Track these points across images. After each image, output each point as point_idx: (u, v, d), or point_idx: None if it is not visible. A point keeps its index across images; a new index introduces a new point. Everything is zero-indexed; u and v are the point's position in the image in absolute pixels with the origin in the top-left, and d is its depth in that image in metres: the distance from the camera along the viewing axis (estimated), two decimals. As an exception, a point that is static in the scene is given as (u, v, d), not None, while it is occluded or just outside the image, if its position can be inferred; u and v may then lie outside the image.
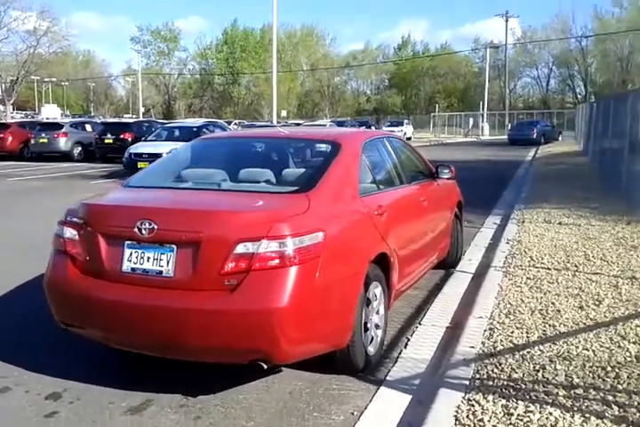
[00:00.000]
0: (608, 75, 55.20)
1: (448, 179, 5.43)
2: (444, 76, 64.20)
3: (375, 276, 3.56)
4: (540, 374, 3.19)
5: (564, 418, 2.72)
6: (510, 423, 2.70)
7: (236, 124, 32.78)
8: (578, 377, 3.14)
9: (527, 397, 2.96)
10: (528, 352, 3.51)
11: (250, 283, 2.85)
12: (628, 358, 3.37)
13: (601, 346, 3.54)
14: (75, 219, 3.31)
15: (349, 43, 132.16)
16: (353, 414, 3.13)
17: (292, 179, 3.68)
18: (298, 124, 26.74)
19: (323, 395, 3.34)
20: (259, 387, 3.43)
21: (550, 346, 3.58)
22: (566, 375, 3.17)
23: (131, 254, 3.11)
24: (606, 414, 2.73)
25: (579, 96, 58.83)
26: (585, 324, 3.93)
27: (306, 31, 77.41)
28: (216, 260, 2.90)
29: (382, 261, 3.66)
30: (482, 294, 4.80)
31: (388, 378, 3.52)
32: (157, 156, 15.52)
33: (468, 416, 2.82)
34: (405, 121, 41.48)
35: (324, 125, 26.97)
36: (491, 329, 3.94)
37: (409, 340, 4.09)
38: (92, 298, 3.12)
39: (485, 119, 41.11)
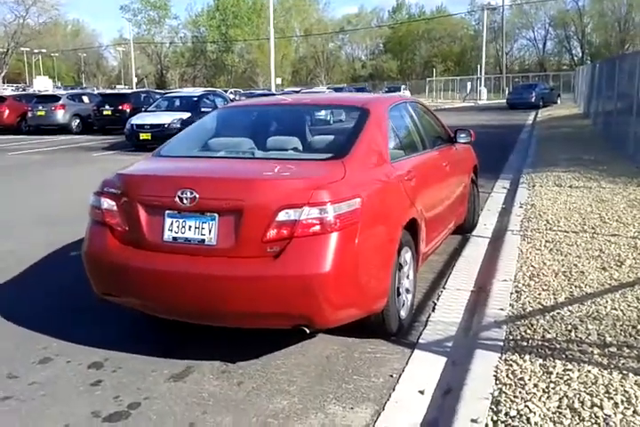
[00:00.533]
0: (605, 35, 54.51)
1: (465, 143, 5.43)
2: (439, 39, 63.30)
3: (406, 241, 3.60)
4: (572, 334, 3.27)
5: (602, 375, 2.80)
6: (551, 381, 2.78)
7: (232, 92, 32.37)
8: (610, 336, 3.22)
9: (563, 356, 3.03)
10: (558, 313, 3.58)
11: (293, 249, 2.90)
12: (656, 317, 3.45)
13: (629, 306, 3.61)
14: (112, 189, 3.32)
15: (343, 6, 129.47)
16: (392, 376, 3.21)
17: (324, 146, 3.69)
18: (296, 92, 26.47)
19: (359, 358, 3.42)
20: (295, 352, 3.51)
21: (579, 307, 3.66)
22: (598, 335, 3.24)
23: (172, 224, 3.13)
24: (642, 371, 2.81)
25: (575, 58, 58.18)
26: (610, 284, 4.00)
27: (299, -5, 75.94)
28: (258, 227, 2.94)
29: (412, 227, 3.71)
30: (503, 258, 4.86)
31: (420, 341, 3.60)
32: (160, 126, 15.49)
33: (507, 376, 2.89)
34: (403, 86, 41.16)
35: (323, 92, 26.78)
36: (517, 292, 4.00)
37: (435, 304, 4.16)
38: (133, 267, 3.16)
39: (483, 83, 40.71)
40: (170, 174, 3.43)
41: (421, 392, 3.02)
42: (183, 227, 3.11)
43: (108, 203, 3.32)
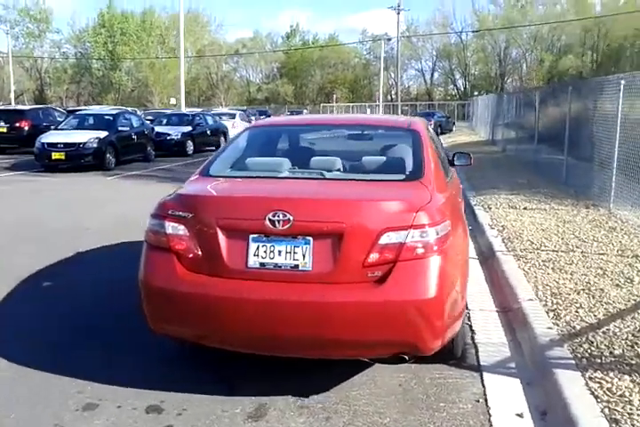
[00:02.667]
0: (486, 68, 58.79)
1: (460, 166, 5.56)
2: (334, 66, 65.15)
3: None
4: (639, 349, 3.40)
5: None
6: (650, 398, 2.86)
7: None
8: (672, 350, 3.39)
9: (645, 371, 3.14)
10: (608, 330, 3.72)
11: (398, 274, 2.80)
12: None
13: (668, 320, 3.83)
14: (180, 213, 3.03)
15: (237, 30, 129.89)
16: (478, 401, 3.16)
17: (390, 166, 3.63)
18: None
19: (433, 385, 3.34)
20: (364, 382, 3.37)
21: (622, 322, 3.82)
22: (662, 349, 3.40)
23: (257, 248, 2.91)
24: None
25: (459, 89, 62.13)
26: (634, 300, 4.23)
27: (190, 16, 75.10)
28: (359, 251, 2.82)
29: None
30: (510, 278, 4.99)
31: (482, 364, 3.59)
32: (75, 145, 14.56)
33: (605, 393, 2.94)
34: (305, 111, 41.75)
35: (233, 114, 26.56)
36: (552, 310, 4.11)
37: (471, 325, 4.18)
38: (210, 297, 2.89)
39: (382, 110, 42.40)
40: (258, 195, 3.19)
41: (520, 415, 3.00)
42: (272, 252, 2.90)
43: (174, 227, 3.03)
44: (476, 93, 59.79)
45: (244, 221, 2.93)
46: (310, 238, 2.86)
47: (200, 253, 2.97)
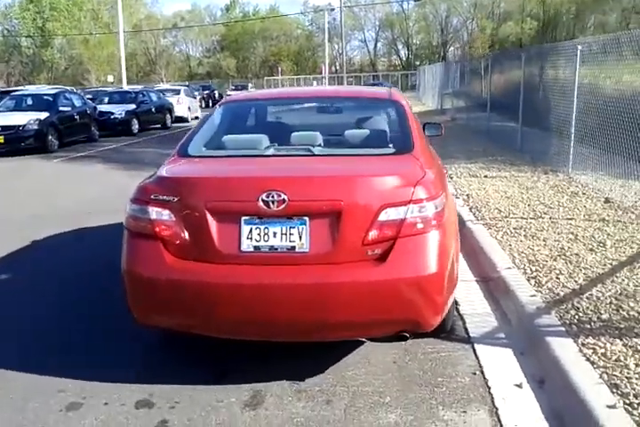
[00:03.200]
0: (428, 37, 58.96)
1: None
2: (276, 38, 64.02)
3: None
4: (624, 313, 3.45)
5: None
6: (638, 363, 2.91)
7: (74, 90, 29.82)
8: (655, 311, 3.45)
9: (634, 334, 3.19)
10: (591, 295, 3.76)
11: (399, 251, 2.71)
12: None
13: (644, 282, 3.90)
14: (164, 196, 2.84)
15: (174, 3, 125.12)
16: (475, 373, 3.15)
17: (378, 139, 3.50)
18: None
19: (427, 360, 3.31)
20: (358, 361, 3.31)
21: (603, 287, 3.87)
22: (644, 311, 3.46)
23: (250, 231, 2.76)
24: None
25: (403, 59, 62.22)
26: (610, 264, 4.29)
27: (124, -12, 72.15)
28: (358, 229, 2.71)
29: None
30: (485, 247, 5.00)
31: (472, 335, 3.58)
32: (14, 128, 13.81)
33: (601, 359, 2.96)
34: (250, 85, 40.97)
35: (178, 90, 25.77)
36: (533, 278, 4.13)
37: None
38: (202, 284, 2.73)
39: (327, 82, 42.02)
40: (249, 175, 3.01)
41: (519, 386, 3.00)
42: (266, 234, 2.75)
43: (158, 212, 2.84)
44: (418, 63, 60.09)
45: (235, 202, 2.77)
46: (306, 218, 2.73)
47: (188, 238, 2.80)
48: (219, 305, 2.74)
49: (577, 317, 3.47)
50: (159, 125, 21.33)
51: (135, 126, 19.25)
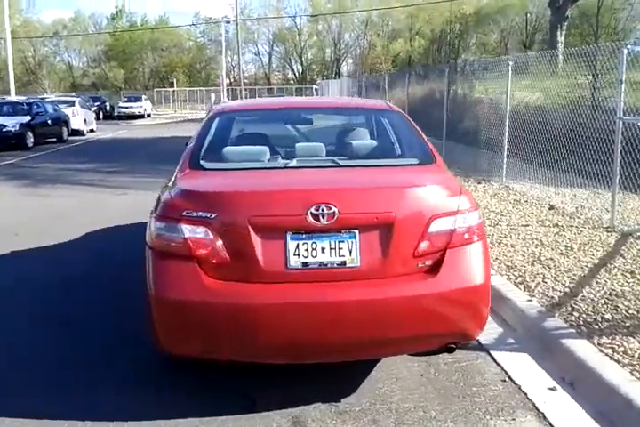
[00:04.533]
0: (321, 53, 60.12)
1: None
2: (167, 49, 62.41)
3: None
4: (623, 312, 3.64)
5: None
6: (670, 355, 3.07)
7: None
8: (649, 309, 3.67)
9: (643, 332, 3.36)
10: (584, 296, 3.94)
11: (450, 262, 2.68)
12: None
13: (626, 282, 4.14)
14: (199, 213, 2.62)
15: (54, 9, 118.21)
16: (504, 380, 3.18)
17: (395, 150, 3.45)
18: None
19: (452, 370, 3.30)
20: (385, 377, 3.23)
21: (591, 288, 4.07)
22: (638, 309, 3.66)
23: (297, 247, 2.61)
24: None
25: (297, 73, 62.94)
26: (586, 266, 4.53)
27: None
28: (410, 241, 2.65)
29: None
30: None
31: (483, 342, 3.61)
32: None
33: (624, 357, 3.10)
34: (144, 97, 39.59)
35: (72, 101, 24.36)
36: (521, 283, 4.27)
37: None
38: (248, 305, 2.54)
39: (226, 94, 41.57)
40: (296, 188, 2.84)
41: (553, 389, 3.06)
42: (314, 249, 2.61)
43: (192, 230, 2.61)
44: (312, 77, 61.03)
45: (282, 217, 2.61)
46: (356, 231, 2.63)
47: (228, 257, 2.60)
48: (267, 328, 2.56)
49: (581, 318, 3.62)
50: (55, 139, 20.00)
51: (30, 140, 17.89)
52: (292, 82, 60.05)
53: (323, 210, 2.57)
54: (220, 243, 2.60)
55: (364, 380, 3.20)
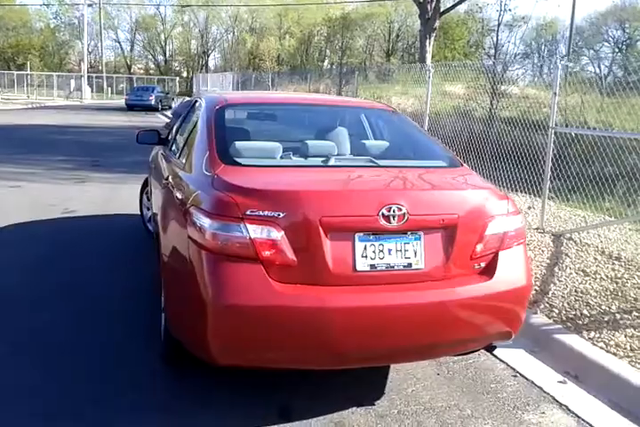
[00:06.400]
0: (187, 44, 58.48)
1: None
2: (14, 29, 56.94)
3: None
4: (597, 308, 3.96)
5: None
6: (657, 346, 3.40)
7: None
8: (622, 304, 4.02)
9: (626, 324, 3.68)
10: (554, 294, 4.22)
11: (503, 263, 2.75)
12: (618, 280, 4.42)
13: (584, 280, 4.51)
14: (267, 212, 2.43)
15: None
16: (515, 376, 3.33)
17: (422, 151, 3.44)
18: None
19: (464, 368, 3.39)
20: (403, 378, 3.24)
21: (555, 286, 4.38)
22: (608, 305, 4.01)
23: (365, 249, 2.52)
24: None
25: (160, 63, 60.64)
26: (541, 265, 4.85)
27: None
28: (469, 243, 2.68)
29: None
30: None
31: (478, 340, 3.75)
32: None
33: (618, 350, 3.38)
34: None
35: None
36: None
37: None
38: (318, 310, 2.41)
39: (87, 81, 38.86)
40: (366, 188, 2.73)
41: (563, 382, 3.25)
42: (381, 251, 2.54)
43: (260, 230, 2.42)
44: (179, 69, 59.20)
45: (353, 218, 2.51)
46: (421, 233, 2.60)
47: (295, 258, 2.45)
48: (337, 332, 2.44)
49: (562, 315, 3.89)
50: None
51: None
52: (153, 72, 57.71)
53: (394, 211, 2.52)
54: (287, 244, 2.44)
55: (386, 382, 3.18)
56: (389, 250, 2.57)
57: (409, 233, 2.59)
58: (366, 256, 2.54)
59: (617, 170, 7.59)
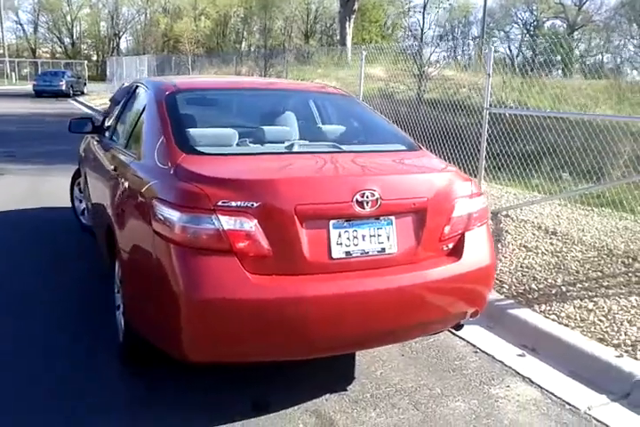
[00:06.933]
0: (97, 26, 55.83)
1: None
2: None
3: None
4: (544, 282, 4.13)
5: (627, 300, 3.76)
6: (603, 315, 3.58)
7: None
8: (564, 276, 4.21)
9: (573, 295, 3.86)
10: (501, 270, 4.36)
11: (469, 244, 2.79)
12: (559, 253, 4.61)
13: (527, 255, 4.68)
14: (239, 202, 2.33)
15: None
16: (477, 352, 3.42)
17: (378, 135, 3.41)
18: None
19: (426, 347, 3.45)
20: (370, 361, 3.26)
21: (502, 262, 4.52)
22: (553, 278, 4.19)
23: (339, 236, 2.48)
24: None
25: (67, 47, 57.58)
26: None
27: None
28: (438, 225, 2.71)
29: None
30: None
31: (434, 319, 3.83)
32: None
33: (570, 321, 3.54)
34: None
35: None
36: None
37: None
38: (298, 300, 2.36)
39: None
40: (342, 174, 2.69)
41: (522, 355, 3.37)
42: (355, 238, 2.52)
43: (233, 221, 2.33)
44: (89, 53, 56.46)
45: (328, 205, 2.46)
46: (393, 218, 2.60)
47: (271, 249, 2.37)
48: (316, 321, 2.41)
49: (513, 290, 4.03)
50: None
51: None
52: (59, 56, 54.72)
53: (367, 197, 2.49)
54: (261, 234, 2.37)
55: (354, 367, 3.19)
56: (363, 236, 2.55)
57: (381, 218, 2.59)
58: (341, 244, 2.51)
59: (537, 148, 7.96)
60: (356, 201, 2.49)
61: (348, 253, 2.52)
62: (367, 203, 2.50)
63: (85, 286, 4.13)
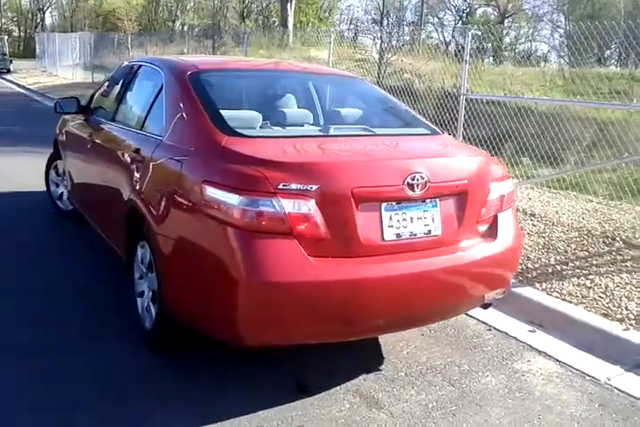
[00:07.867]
0: (17, 1, 52.66)
1: None
2: None
3: None
4: (538, 261, 4.32)
5: (619, 277, 3.99)
6: (602, 292, 3.80)
7: None
8: (562, 256, 4.41)
9: (571, 274, 4.06)
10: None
11: (502, 225, 2.91)
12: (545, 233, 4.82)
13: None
14: (299, 185, 2.32)
15: None
16: (490, 330, 3.56)
17: (403, 118, 3.43)
18: None
19: (443, 326, 3.55)
20: (394, 341, 3.33)
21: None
22: (547, 258, 4.39)
23: (390, 218, 2.54)
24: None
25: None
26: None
27: None
28: (476, 208, 2.81)
29: None
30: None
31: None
32: None
33: (572, 298, 3.73)
34: None
35: None
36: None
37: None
38: (357, 282, 2.41)
39: None
40: (394, 157, 2.71)
41: (532, 331, 3.54)
42: (404, 220, 2.57)
43: (294, 204, 2.32)
44: (10, 28, 53.22)
45: (382, 188, 2.50)
46: (437, 200, 2.66)
47: (327, 232, 2.39)
48: (373, 303, 2.46)
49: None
50: None
51: None
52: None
53: (418, 179, 2.54)
54: (319, 217, 2.38)
55: (379, 346, 3.25)
56: (411, 218, 2.60)
57: (427, 201, 2.65)
58: (392, 226, 2.55)
59: (494, 133, 8.24)
60: (407, 184, 2.54)
61: (398, 235, 2.58)
62: (417, 186, 2.56)
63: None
